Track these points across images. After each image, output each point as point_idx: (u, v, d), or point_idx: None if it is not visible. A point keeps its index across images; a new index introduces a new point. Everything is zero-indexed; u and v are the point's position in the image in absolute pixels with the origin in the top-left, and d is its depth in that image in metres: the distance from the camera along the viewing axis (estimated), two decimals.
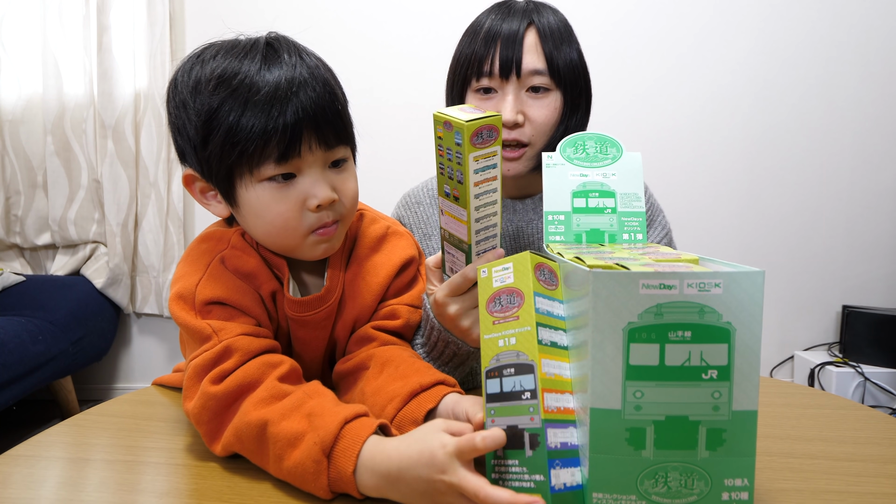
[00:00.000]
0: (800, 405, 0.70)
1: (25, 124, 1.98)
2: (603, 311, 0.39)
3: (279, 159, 0.55)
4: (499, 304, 0.47)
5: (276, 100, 0.54)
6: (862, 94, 1.95)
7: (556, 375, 0.45)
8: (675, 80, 1.97)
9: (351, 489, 0.46)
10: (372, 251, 0.69)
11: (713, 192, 2.00)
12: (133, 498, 0.47)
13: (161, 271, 2.03)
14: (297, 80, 0.55)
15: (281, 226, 0.58)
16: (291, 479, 0.48)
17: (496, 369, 0.45)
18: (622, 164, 0.63)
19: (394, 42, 1.98)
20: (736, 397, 0.39)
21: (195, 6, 2.02)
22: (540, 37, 0.77)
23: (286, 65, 0.56)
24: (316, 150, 0.56)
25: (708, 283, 0.38)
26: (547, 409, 0.43)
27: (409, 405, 0.54)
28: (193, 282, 0.59)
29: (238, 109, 0.54)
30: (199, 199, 0.62)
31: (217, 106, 0.54)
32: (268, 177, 0.56)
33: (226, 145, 0.54)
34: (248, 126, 0.53)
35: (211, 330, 0.56)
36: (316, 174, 0.57)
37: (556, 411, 0.43)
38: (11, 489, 0.48)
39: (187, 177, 0.61)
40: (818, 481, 0.50)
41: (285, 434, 0.49)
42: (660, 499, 0.40)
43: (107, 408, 0.67)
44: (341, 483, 0.46)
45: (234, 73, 0.55)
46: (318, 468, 0.47)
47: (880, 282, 2.00)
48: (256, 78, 0.54)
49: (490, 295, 0.48)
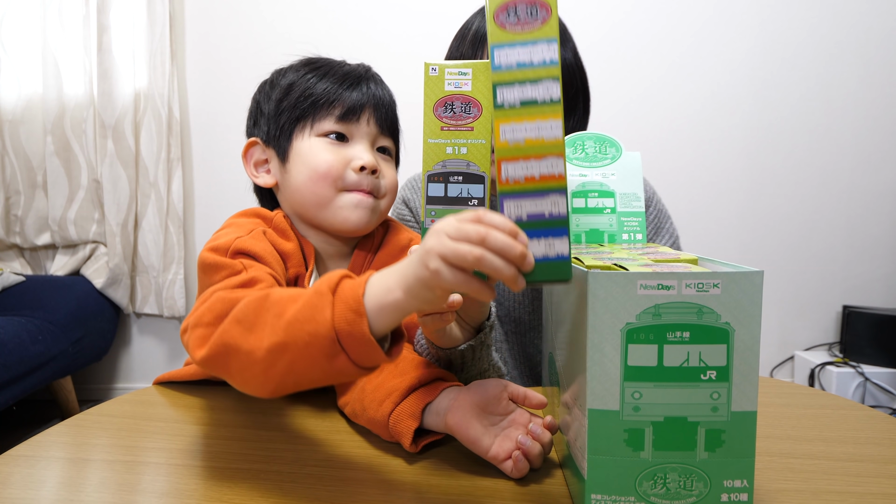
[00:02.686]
0: (800, 405, 0.70)
1: (25, 124, 1.98)
2: (601, 311, 0.39)
3: (340, 117, 0.67)
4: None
5: (350, 78, 0.68)
6: (862, 94, 1.95)
7: (526, 140, 0.39)
8: (674, 80, 1.97)
9: (360, 319, 0.41)
10: (393, 259, 0.71)
11: (713, 191, 2.00)
12: (133, 498, 0.47)
13: (161, 271, 2.03)
14: (370, 76, 0.71)
15: (324, 172, 0.65)
16: (291, 332, 0.42)
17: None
18: (621, 164, 0.63)
19: (393, 42, 1.98)
20: (735, 398, 0.39)
21: (195, 6, 2.02)
22: None
23: (362, 70, 0.71)
24: (371, 125, 0.68)
25: (706, 283, 0.38)
26: (505, 181, 0.39)
27: (407, 399, 0.54)
28: (232, 237, 0.60)
29: (317, 78, 0.68)
30: (250, 171, 0.72)
31: (300, 78, 0.68)
32: (325, 132, 0.67)
33: (300, 99, 0.67)
34: (323, 87, 0.67)
35: (242, 266, 0.57)
36: (365, 145, 0.68)
37: (523, 181, 0.39)
38: (11, 489, 0.48)
39: (248, 146, 0.71)
40: (818, 481, 0.50)
41: (289, 295, 0.45)
42: (659, 500, 0.40)
43: (107, 408, 0.66)
44: (348, 313, 0.41)
45: (320, 61, 0.71)
46: (322, 301, 0.42)
47: (880, 282, 2.00)
48: (337, 67, 0.70)
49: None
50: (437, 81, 0.45)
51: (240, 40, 2.02)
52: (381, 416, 0.54)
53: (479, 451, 0.50)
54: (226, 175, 2.05)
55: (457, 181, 0.44)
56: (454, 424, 0.50)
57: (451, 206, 0.44)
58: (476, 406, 0.51)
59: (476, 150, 0.44)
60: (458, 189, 0.44)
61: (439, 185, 0.44)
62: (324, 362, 0.42)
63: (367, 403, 0.57)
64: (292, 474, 0.50)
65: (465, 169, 0.44)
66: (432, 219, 0.44)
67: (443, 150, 0.44)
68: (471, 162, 0.44)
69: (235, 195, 2.05)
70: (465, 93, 0.45)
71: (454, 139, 0.44)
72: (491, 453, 0.49)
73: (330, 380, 0.46)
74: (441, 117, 0.45)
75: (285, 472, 0.51)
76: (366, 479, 0.50)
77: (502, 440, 0.49)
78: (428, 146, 0.45)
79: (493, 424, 0.51)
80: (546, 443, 0.49)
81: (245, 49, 2.02)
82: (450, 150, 0.44)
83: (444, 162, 0.44)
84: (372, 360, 0.43)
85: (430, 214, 0.44)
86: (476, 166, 0.43)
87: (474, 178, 0.43)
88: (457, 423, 0.50)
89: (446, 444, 0.56)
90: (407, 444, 0.52)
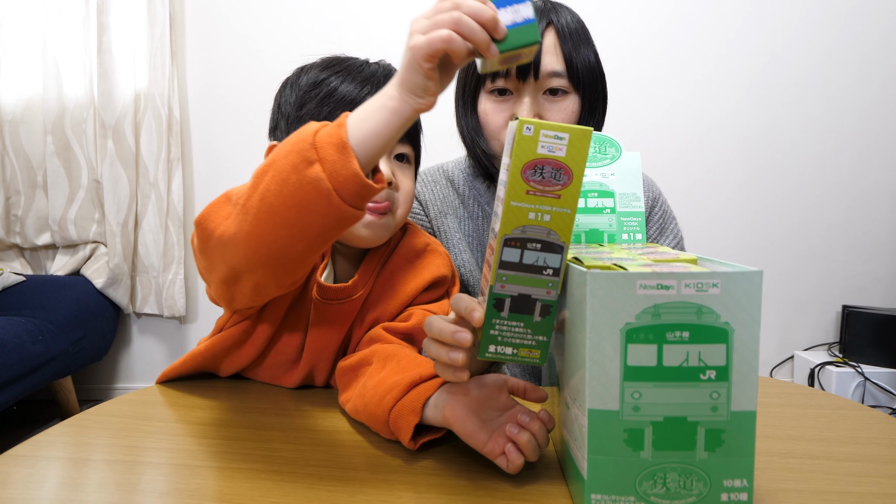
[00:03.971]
0: (800, 405, 0.70)
1: (25, 124, 1.98)
2: (600, 311, 0.39)
3: None
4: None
5: (371, 80, 0.66)
6: (862, 94, 1.95)
7: None
8: (675, 80, 1.97)
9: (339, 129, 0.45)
10: (408, 262, 0.72)
11: (713, 191, 2.00)
12: (133, 498, 0.47)
13: (161, 271, 2.03)
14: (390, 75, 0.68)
15: None
16: (277, 152, 0.47)
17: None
18: (621, 164, 0.63)
19: (395, 43, 1.98)
20: (734, 398, 0.39)
21: (195, 6, 2.02)
22: (559, 38, 0.76)
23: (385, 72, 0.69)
24: None
25: (706, 283, 0.38)
26: None
27: (408, 395, 0.54)
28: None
29: (339, 80, 0.66)
30: None
31: (322, 79, 0.66)
32: None
33: (323, 101, 0.65)
34: (345, 89, 0.65)
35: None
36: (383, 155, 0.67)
37: None
38: (11, 489, 0.48)
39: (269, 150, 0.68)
40: (818, 481, 0.50)
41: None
42: (658, 500, 0.40)
43: (107, 408, 0.67)
44: (330, 127, 0.46)
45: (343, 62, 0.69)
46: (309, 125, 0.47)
47: (880, 282, 2.00)
48: (360, 69, 0.68)
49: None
50: (529, 142, 0.42)
51: (240, 40, 2.02)
52: (381, 411, 0.54)
53: (476, 445, 0.49)
54: (226, 175, 2.05)
55: (534, 248, 0.42)
56: (452, 417, 0.50)
57: (524, 273, 0.42)
58: (475, 400, 0.51)
59: (559, 219, 0.42)
60: (534, 257, 0.42)
61: (515, 251, 0.43)
62: (301, 170, 0.45)
63: (368, 399, 0.57)
64: (292, 474, 0.50)
65: (546, 237, 0.42)
66: (502, 284, 0.43)
67: (525, 215, 0.42)
68: (552, 230, 0.42)
69: None
70: (557, 158, 0.42)
71: (538, 205, 0.42)
72: (487, 448, 0.49)
73: (304, 211, 0.47)
74: (528, 180, 0.42)
75: (285, 472, 0.51)
76: (366, 479, 0.50)
77: (499, 435, 0.49)
78: (509, 208, 0.43)
79: (491, 419, 0.50)
80: (536, 431, 0.49)
81: (245, 49, 2.02)
82: (532, 216, 0.42)
83: (525, 227, 0.42)
84: (346, 169, 0.45)
85: (502, 280, 0.43)
86: (557, 235, 0.42)
87: (553, 248, 0.42)
88: (455, 416, 0.50)
89: (446, 443, 0.56)
90: (406, 440, 0.52)
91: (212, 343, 0.71)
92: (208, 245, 0.54)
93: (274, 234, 0.49)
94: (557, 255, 0.42)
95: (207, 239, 0.54)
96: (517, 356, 0.45)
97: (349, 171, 0.45)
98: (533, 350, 0.44)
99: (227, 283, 0.58)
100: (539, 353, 0.45)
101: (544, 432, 0.49)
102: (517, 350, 0.45)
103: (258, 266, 0.52)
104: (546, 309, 0.43)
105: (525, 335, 0.44)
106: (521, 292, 0.43)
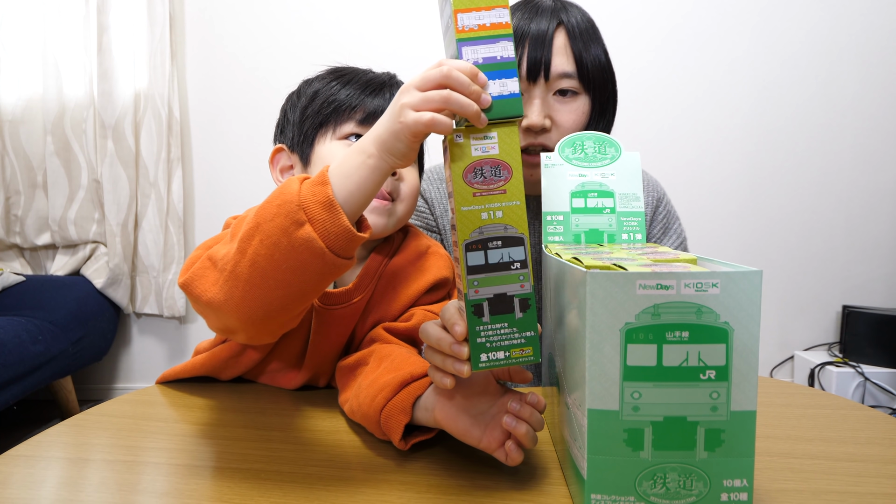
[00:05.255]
0: (800, 405, 0.70)
1: (25, 124, 1.98)
2: (600, 311, 0.39)
3: (361, 121, 0.67)
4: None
5: (372, 85, 0.69)
6: (862, 94, 1.95)
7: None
8: (675, 80, 1.97)
9: (324, 187, 0.47)
10: (410, 264, 0.72)
11: (713, 191, 2.00)
12: (133, 498, 0.47)
13: (161, 271, 2.03)
14: (394, 83, 0.71)
15: None
16: (260, 212, 0.49)
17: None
18: (621, 164, 0.63)
19: (392, 42, 1.98)
20: (734, 397, 0.39)
21: (195, 6, 2.02)
22: (569, 37, 0.75)
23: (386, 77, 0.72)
24: None
25: (705, 283, 0.38)
26: (462, 29, 0.43)
27: (398, 395, 0.54)
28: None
29: (340, 85, 0.69)
30: (276, 176, 0.73)
31: (324, 87, 0.69)
32: (345, 134, 0.67)
33: (323, 105, 0.68)
34: (345, 94, 0.68)
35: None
36: None
37: (477, 28, 0.44)
38: (11, 489, 0.48)
39: (274, 152, 0.72)
40: (818, 481, 0.50)
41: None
42: (658, 500, 0.40)
43: (107, 408, 0.67)
44: (313, 185, 0.47)
45: (346, 70, 0.72)
46: (291, 182, 0.49)
47: (880, 282, 2.00)
48: (361, 75, 0.70)
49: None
50: (463, 148, 0.44)
51: (240, 40, 2.02)
52: (373, 411, 0.54)
53: (471, 442, 0.49)
54: (226, 175, 2.05)
55: (496, 246, 0.43)
56: (443, 419, 0.50)
57: (493, 274, 0.43)
58: (463, 397, 0.50)
59: (512, 212, 0.43)
60: (498, 255, 0.43)
61: (479, 253, 0.43)
62: (291, 232, 0.46)
63: (362, 399, 0.57)
64: (292, 474, 0.50)
65: (504, 233, 0.43)
66: (475, 289, 0.43)
67: (478, 217, 0.43)
68: (508, 225, 0.43)
69: (235, 195, 2.05)
70: (493, 156, 0.44)
71: (488, 204, 0.43)
72: (483, 443, 0.49)
73: (297, 272, 0.48)
74: (472, 183, 0.44)
75: (285, 472, 0.51)
76: (366, 479, 0.50)
77: (493, 428, 0.49)
78: (462, 214, 0.43)
79: (483, 412, 0.50)
80: (528, 417, 0.48)
81: (245, 49, 2.02)
82: (485, 216, 0.43)
83: (481, 228, 0.43)
84: (336, 227, 0.46)
85: (473, 285, 0.43)
86: (514, 228, 0.43)
87: (514, 241, 0.43)
88: (445, 416, 0.50)
89: (444, 442, 0.56)
90: (396, 440, 0.52)
91: (212, 354, 0.71)
92: (197, 306, 0.56)
93: (268, 296, 0.50)
94: (520, 247, 0.43)
95: (194, 302, 0.55)
96: (510, 358, 0.45)
97: (340, 227, 0.47)
98: (524, 348, 0.44)
99: (222, 333, 0.60)
100: (531, 350, 0.44)
101: (537, 416, 0.49)
102: (509, 352, 0.44)
103: (252, 325, 0.53)
104: (525, 303, 0.44)
105: (512, 335, 0.44)
106: (495, 293, 0.43)
